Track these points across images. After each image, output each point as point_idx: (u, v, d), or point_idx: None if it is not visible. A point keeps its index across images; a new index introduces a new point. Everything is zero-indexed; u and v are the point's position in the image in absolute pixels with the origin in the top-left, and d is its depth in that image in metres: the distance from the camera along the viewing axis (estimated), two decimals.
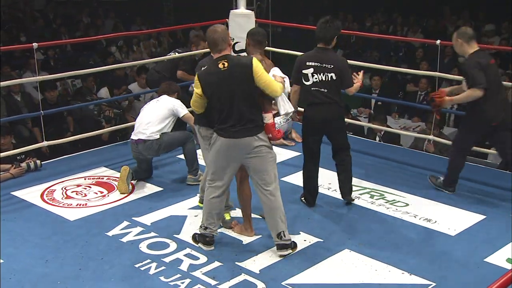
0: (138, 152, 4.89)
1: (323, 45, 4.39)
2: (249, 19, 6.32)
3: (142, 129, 4.86)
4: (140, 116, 4.99)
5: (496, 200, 4.78)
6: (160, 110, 4.92)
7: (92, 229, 4.25)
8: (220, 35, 3.72)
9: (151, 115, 4.91)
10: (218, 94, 3.70)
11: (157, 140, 4.83)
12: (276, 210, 3.82)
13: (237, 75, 3.67)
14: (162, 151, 4.92)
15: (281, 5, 11.15)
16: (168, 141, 4.87)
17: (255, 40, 4.23)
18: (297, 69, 4.41)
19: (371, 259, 3.83)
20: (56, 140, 5.70)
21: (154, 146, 4.84)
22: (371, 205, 4.65)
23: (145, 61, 8.21)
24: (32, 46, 5.13)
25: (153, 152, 4.89)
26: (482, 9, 12.96)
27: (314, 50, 4.42)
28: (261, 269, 3.71)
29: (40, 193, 4.86)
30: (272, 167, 3.82)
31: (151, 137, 4.82)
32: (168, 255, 3.89)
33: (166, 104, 4.94)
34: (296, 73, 4.42)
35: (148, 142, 4.83)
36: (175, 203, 4.64)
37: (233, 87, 3.67)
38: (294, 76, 4.43)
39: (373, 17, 13.92)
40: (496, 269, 3.71)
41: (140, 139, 4.84)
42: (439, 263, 3.81)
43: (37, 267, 3.76)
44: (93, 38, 8.69)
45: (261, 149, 3.75)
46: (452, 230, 4.25)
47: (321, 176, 5.17)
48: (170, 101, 4.97)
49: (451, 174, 4.83)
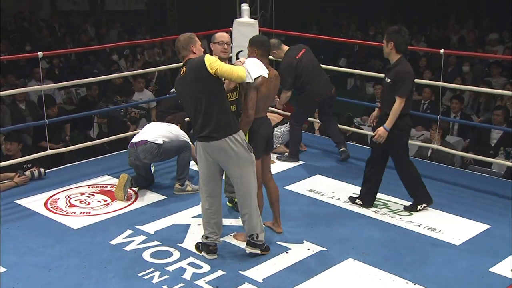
0: (135, 156, 4.93)
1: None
2: (253, 28, 6.34)
3: (148, 133, 4.98)
4: (149, 125, 5.25)
5: (501, 209, 4.75)
6: (169, 129, 5.09)
7: (96, 237, 4.25)
8: (182, 43, 3.83)
9: (160, 128, 5.09)
10: (185, 100, 3.83)
11: (158, 145, 4.89)
12: (254, 212, 3.85)
13: (193, 77, 3.71)
14: (159, 157, 4.97)
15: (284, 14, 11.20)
16: (168, 148, 4.94)
17: (265, 50, 4.04)
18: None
19: (375, 268, 3.81)
20: (60, 149, 5.74)
21: (153, 150, 4.88)
22: (375, 214, 4.64)
23: (149, 69, 8.24)
24: (37, 55, 5.17)
25: (150, 156, 4.92)
26: (486, 18, 13.00)
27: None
28: (264, 278, 3.70)
29: (43, 201, 4.87)
30: (247, 170, 3.79)
31: (156, 140, 4.90)
32: (172, 264, 3.88)
33: (175, 130, 5.11)
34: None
35: (149, 144, 4.88)
36: (178, 212, 4.64)
37: (193, 91, 3.73)
38: (410, 90, 4.44)
39: (376, 26, 13.96)
40: (501, 279, 3.69)
41: (143, 140, 4.90)
42: (444, 272, 3.79)
43: (40, 275, 3.76)
44: (98, 47, 8.76)
45: (234, 152, 3.74)
46: (457, 239, 4.22)
47: (324, 185, 5.18)
48: (178, 129, 5.17)
49: (292, 146, 5.75)
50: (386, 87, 4.53)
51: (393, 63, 4.47)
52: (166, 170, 5.46)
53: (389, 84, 4.45)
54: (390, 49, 4.42)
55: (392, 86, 4.41)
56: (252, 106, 3.85)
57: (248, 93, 3.86)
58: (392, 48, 4.41)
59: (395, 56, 4.44)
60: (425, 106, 8.10)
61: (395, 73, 4.42)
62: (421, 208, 4.64)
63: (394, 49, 4.41)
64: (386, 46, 4.44)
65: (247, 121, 3.89)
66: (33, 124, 6.62)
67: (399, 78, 4.38)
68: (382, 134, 4.44)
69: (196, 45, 3.85)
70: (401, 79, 4.38)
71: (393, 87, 4.41)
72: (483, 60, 10.41)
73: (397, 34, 4.40)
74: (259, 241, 3.89)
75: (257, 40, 4.06)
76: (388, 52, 4.45)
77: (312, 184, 5.21)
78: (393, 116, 4.39)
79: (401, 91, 4.37)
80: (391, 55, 4.45)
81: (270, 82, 3.97)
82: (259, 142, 3.98)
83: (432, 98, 8.01)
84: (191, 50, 3.83)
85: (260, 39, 4.11)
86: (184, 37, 3.86)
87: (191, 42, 3.84)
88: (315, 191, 5.06)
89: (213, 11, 12.75)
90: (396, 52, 4.42)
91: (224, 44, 4.24)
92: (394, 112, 4.38)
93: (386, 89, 4.52)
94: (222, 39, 4.25)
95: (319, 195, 4.99)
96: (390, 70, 4.48)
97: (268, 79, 3.92)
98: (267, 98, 4.00)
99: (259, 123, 3.98)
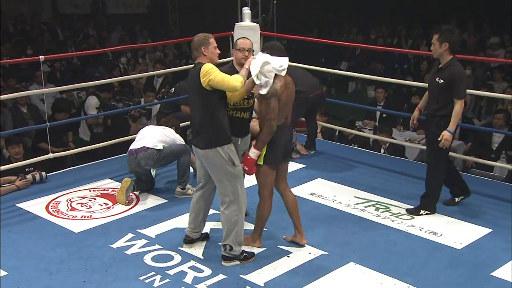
0: (136, 164, 4.93)
1: None
2: (254, 32, 6.35)
3: (146, 139, 4.96)
4: (144, 130, 5.18)
5: (503, 213, 4.75)
6: (166, 134, 5.09)
7: (97, 241, 4.25)
8: (194, 43, 3.84)
9: (157, 133, 5.07)
10: (189, 102, 3.95)
11: (159, 151, 4.89)
12: (226, 224, 3.85)
13: (191, 86, 3.79)
14: (160, 162, 4.97)
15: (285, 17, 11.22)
16: (168, 153, 4.94)
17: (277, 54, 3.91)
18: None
19: (377, 272, 3.81)
20: (62, 152, 5.74)
21: (154, 156, 4.88)
22: (376, 217, 4.63)
23: (151, 73, 8.25)
24: (39, 59, 5.17)
25: (152, 162, 4.92)
26: (486, 19, 13.00)
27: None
28: (265, 282, 3.69)
29: (45, 205, 4.87)
30: (227, 184, 3.80)
31: (156, 146, 4.90)
32: (173, 267, 3.88)
33: (171, 134, 5.12)
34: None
35: (150, 151, 4.87)
36: (180, 215, 4.64)
37: (191, 99, 3.86)
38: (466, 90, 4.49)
39: (377, 30, 13.98)
40: (503, 283, 3.69)
41: (143, 147, 4.89)
42: (445, 276, 3.78)
43: (41, 279, 3.76)
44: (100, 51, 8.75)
45: (216, 163, 3.77)
46: (458, 243, 4.22)
47: (325, 188, 5.18)
48: (174, 133, 5.18)
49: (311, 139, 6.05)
50: (437, 88, 4.48)
51: (445, 64, 4.43)
52: (167, 174, 5.46)
53: (442, 85, 4.42)
54: (444, 50, 4.40)
55: (446, 87, 4.40)
56: (275, 116, 3.74)
57: (269, 103, 3.74)
58: (446, 48, 4.39)
59: (447, 56, 4.41)
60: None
61: (449, 74, 4.39)
62: (423, 213, 4.64)
63: (448, 50, 4.39)
64: (439, 46, 4.40)
65: (269, 131, 3.76)
66: (35, 127, 6.63)
67: (455, 80, 4.36)
68: (448, 138, 4.40)
69: (209, 47, 3.79)
70: (457, 81, 4.36)
71: (447, 88, 4.39)
72: (484, 64, 10.41)
73: (452, 34, 4.40)
74: (232, 253, 3.87)
75: (276, 46, 3.94)
76: (441, 53, 4.42)
77: (313, 187, 5.21)
78: (455, 118, 4.39)
79: (459, 93, 4.37)
80: (444, 55, 4.42)
81: (288, 89, 3.88)
82: (278, 150, 3.87)
83: None
84: (202, 52, 3.80)
85: (278, 45, 3.99)
86: (197, 38, 3.84)
87: (203, 43, 3.80)
88: (316, 194, 5.06)
89: (214, 15, 12.77)
90: (449, 52, 4.41)
91: (245, 51, 4.12)
92: (456, 114, 4.38)
93: (438, 89, 4.48)
94: (243, 46, 4.14)
95: (320, 198, 4.99)
96: (442, 70, 4.45)
97: (287, 85, 3.85)
98: (285, 105, 3.87)
99: (279, 130, 3.84)
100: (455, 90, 4.36)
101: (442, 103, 4.43)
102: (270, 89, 3.75)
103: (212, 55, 3.82)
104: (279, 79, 3.80)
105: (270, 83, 3.75)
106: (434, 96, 4.54)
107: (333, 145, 6.55)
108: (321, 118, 7.08)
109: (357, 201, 4.92)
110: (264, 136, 3.78)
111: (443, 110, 4.43)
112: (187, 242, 4.12)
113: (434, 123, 4.50)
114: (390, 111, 7.64)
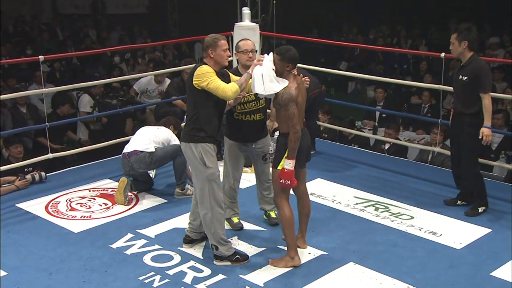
0: (129, 167, 4.93)
1: None
2: (254, 32, 6.35)
3: (138, 142, 4.95)
4: (138, 133, 5.18)
5: (502, 213, 4.75)
6: (159, 134, 5.07)
7: (96, 241, 4.25)
8: (204, 44, 3.82)
9: (150, 134, 5.06)
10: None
11: (151, 154, 4.88)
12: (204, 224, 3.87)
13: (187, 79, 3.83)
14: (154, 165, 4.97)
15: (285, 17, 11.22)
16: (161, 155, 4.92)
17: (296, 64, 3.79)
18: None
19: (376, 272, 3.81)
20: (61, 152, 5.74)
21: (146, 159, 4.87)
22: (376, 217, 4.63)
23: (150, 73, 8.24)
24: (39, 59, 5.17)
25: (145, 166, 4.91)
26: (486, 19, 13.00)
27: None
28: (265, 282, 3.69)
29: (44, 205, 4.87)
30: (197, 182, 3.80)
31: (147, 149, 4.89)
32: (172, 267, 3.88)
33: (165, 133, 5.10)
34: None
35: (142, 154, 4.86)
36: (179, 215, 4.64)
37: (186, 91, 3.86)
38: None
39: (377, 30, 13.98)
40: (503, 283, 3.69)
41: (135, 151, 4.89)
42: (445, 277, 3.78)
43: (41, 279, 3.76)
44: (99, 51, 8.74)
45: (189, 158, 3.82)
46: (458, 243, 4.22)
47: (325, 188, 5.18)
48: (169, 132, 5.16)
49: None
50: (461, 85, 4.52)
51: (466, 61, 4.48)
52: (167, 174, 5.46)
53: (466, 81, 4.45)
54: (463, 48, 4.45)
55: (470, 84, 4.42)
56: (297, 121, 3.66)
57: (288, 109, 3.66)
58: (466, 46, 4.43)
59: (468, 54, 4.46)
60: (425, 109, 8.10)
61: (472, 70, 4.42)
62: (482, 211, 4.65)
63: (468, 48, 4.44)
64: (459, 46, 4.46)
65: (296, 137, 3.66)
66: (35, 127, 6.63)
67: (480, 74, 4.39)
68: (488, 133, 4.42)
69: (217, 50, 3.73)
70: (482, 75, 4.39)
71: (472, 84, 4.41)
72: None
73: (470, 32, 4.43)
74: (219, 253, 3.87)
75: (290, 55, 3.72)
76: (461, 52, 4.48)
77: (313, 187, 5.21)
78: (488, 113, 4.41)
79: (485, 87, 4.39)
80: (464, 53, 4.47)
81: (301, 89, 3.80)
82: (300, 155, 3.75)
83: (433, 101, 8.00)
84: (208, 54, 3.76)
85: (293, 53, 3.74)
86: (207, 39, 3.80)
87: (211, 45, 3.75)
88: (315, 194, 5.06)
89: (214, 15, 12.77)
90: (469, 50, 4.45)
91: (249, 52, 4.11)
92: (487, 109, 4.40)
93: (462, 87, 4.51)
94: (246, 48, 4.11)
95: (320, 198, 4.99)
96: (464, 67, 4.49)
97: (299, 86, 3.77)
98: (302, 106, 3.79)
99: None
100: (480, 84, 4.39)
101: (469, 101, 4.46)
102: (285, 95, 3.67)
103: (220, 58, 3.76)
104: (292, 81, 3.73)
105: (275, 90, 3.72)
106: (460, 95, 4.57)
107: (333, 145, 6.55)
108: (324, 116, 7.07)
109: (357, 201, 4.92)
110: (293, 144, 3.67)
111: (473, 108, 4.46)
112: (187, 242, 4.12)
113: (466, 122, 4.51)
114: (390, 111, 7.65)
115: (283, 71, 3.74)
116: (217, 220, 3.82)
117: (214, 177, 3.78)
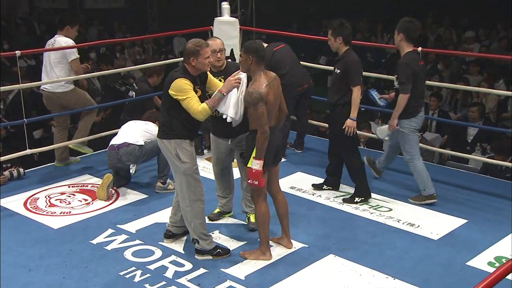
0: (117, 159, 4.91)
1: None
2: (234, 27, 6.36)
3: (128, 135, 4.95)
4: (126, 125, 5.16)
5: (477, 204, 4.86)
6: (147, 129, 5.07)
7: (76, 237, 4.22)
8: (186, 50, 3.74)
9: (139, 128, 5.06)
10: None
11: (140, 147, 4.88)
12: (186, 221, 3.89)
13: (166, 81, 3.78)
14: (142, 158, 4.97)
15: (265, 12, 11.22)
16: (149, 149, 4.93)
17: (260, 56, 3.68)
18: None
19: (356, 264, 3.86)
20: (40, 148, 5.66)
21: (136, 152, 4.87)
22: (355, 210, 4.69)
23: (128, 68, 8.19)
24: (15, 54, 5.10)
25: (134, 158, 4.91)
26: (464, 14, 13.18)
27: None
28: (246, 275, 3.72)
29: (23, 201, 4.82)
30: (179, 180, 3.82)
31: (137, 142, 4.89)
32: (153, 262, 3.88)
33: (152, 128, 5.06)
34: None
35: (132, 147, 4.86)
36: (160, 210, 4.64)
37: (163, 93, 3.83)
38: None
39: (356, 25, 14.06)
40: (478, 272, 3.77)
41: (125, 143, 4.88)
42: (422, 267, 3.86)
43: (20, 275, 3.72)
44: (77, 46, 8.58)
45: (166, 153, 3.86)
46: (435, 234, 4.30)
47: (305, 182, 5.21)
48: (156, 128, 5.08)
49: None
50: (335, 78, 4.72)
51: (341, 55, 4.64)
52: (148, 169, 5.45)
53: (339, 74, 4.61)
54: (339, 43, 4.60)
55: (342, 76, 4.57)
56: (265, 121, 3.59)
57: (257, 109, 3.57)
58: (341, 42, 4.58)
59: (343, 48, 4.62)
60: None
61: (344, 63, 4.58)
62: (359, 200, 4.76)
63: (343, 43, 4.58)
64: (335, 41, 4.61)
65: (264, 137, 3.60)
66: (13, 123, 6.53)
67: (349, 68, 4.54)
68: (350, 125, 4.59)
69: (199, 58, 3.65)
70: (352, 69, 4.54)
71: (343, 77, 4.56)
72: (459, 58, 10.57)
73: (343, 28, 4.55)
74: (200, 247, 3.89)
75: (251, 47, 3.68)
76: (337, 46, 4.63)
77: (293, 181, 5.26)
78: (355, 106, 4.58)
79: (354, 80, 4.55)
80: (340, 48, 4.62)
81: (273, 87, 3.69)
82: (268, 154, 3.68)
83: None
84: (190, 61, 3.68)
85: (254, 45, 3.71)
86: (189, 45, 3.69)
87: (193, 54, 3.66)
88: (296, 188, 5.10)
89: (193, 9, 12.71)
90: (344, 44, 4.59)
91: (217, 52, 4.01)
92: (355, 101, 4.56)
93: (336, 79, 4.70)
94: (215, 47, 3.97)
95: (300, 192, 5.04)
96: (339, 61, 4.64)
97: (270, 84, 3.69)
98: (273, 106, 3.71)
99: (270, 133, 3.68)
100: (350, 78, 4.54)
101: (341, 93, 4.62)
102: (254, 94, 3.58)
103: (201, 65, 3.69)
104: (262, 79, 3.65)
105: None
106: (334, 87, 4.73)
107: (311, 138, 6.59)
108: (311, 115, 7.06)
109: (336, 194, 4.98)
110: (260, 144, 3.62)
111: (344, 99, 4.61)
112: (168, 237, 4.13)
113: (337, 112, 4.66)
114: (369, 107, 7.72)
115: (247, 65, 3.69)
116: (196, 215, 3.83)
117: (191, 171, 3.78)
